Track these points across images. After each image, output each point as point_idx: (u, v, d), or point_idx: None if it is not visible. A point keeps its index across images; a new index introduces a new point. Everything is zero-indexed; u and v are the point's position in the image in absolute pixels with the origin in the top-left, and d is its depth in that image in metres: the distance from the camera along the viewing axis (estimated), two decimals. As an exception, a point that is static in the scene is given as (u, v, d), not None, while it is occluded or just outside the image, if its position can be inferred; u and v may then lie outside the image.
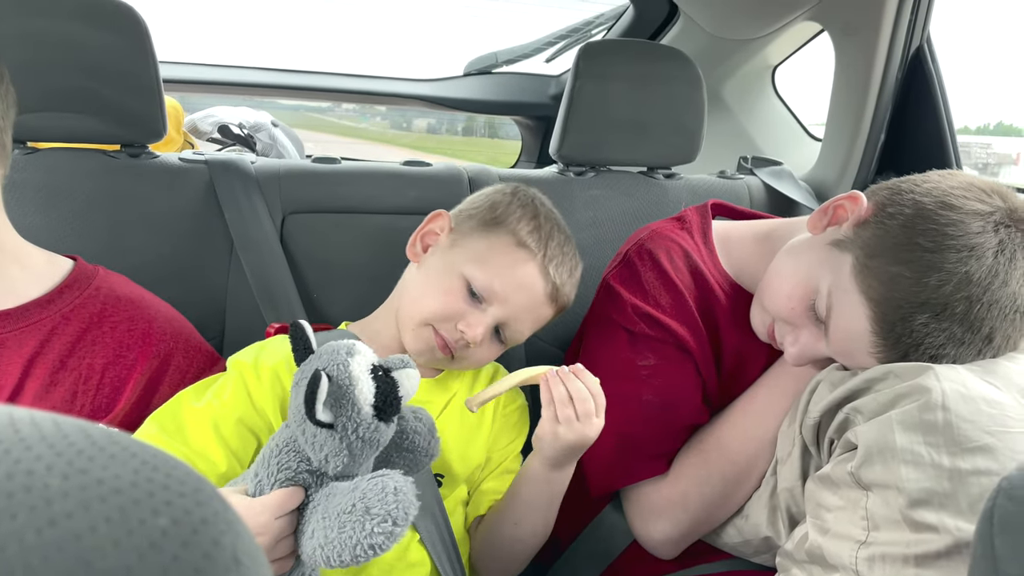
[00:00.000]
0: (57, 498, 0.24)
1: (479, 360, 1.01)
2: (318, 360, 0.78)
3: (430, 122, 8.23)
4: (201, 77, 2.14)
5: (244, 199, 1.24)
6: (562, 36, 2.29)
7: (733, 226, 1.13)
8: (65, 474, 0.25)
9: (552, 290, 1.00)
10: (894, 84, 1.54)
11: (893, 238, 0.83)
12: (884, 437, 0.77)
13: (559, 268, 1.00)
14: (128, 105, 1.20)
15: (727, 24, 1.88)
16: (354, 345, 0.80)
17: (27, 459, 0.25)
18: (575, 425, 0.87)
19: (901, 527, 0.75)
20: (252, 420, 0.91)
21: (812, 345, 0.92)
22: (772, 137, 2.07)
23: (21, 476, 0.24)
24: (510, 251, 0.99)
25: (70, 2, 1.14)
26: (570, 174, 1.49)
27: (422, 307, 0.98)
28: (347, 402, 0.75)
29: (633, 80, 1.45)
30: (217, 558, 0.25)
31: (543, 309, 1.01)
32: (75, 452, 0.26)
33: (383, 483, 0.70)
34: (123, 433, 0.28)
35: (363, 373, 0.77)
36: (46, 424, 0.27)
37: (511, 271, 0.98)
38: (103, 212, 1.19)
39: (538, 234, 1.00)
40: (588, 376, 0.89)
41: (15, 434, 0.26)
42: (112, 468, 0.26)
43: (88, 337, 0.91)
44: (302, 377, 0.79)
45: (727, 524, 1.02)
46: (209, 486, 0.27)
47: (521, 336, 1.02)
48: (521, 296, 0.98)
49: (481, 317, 0.96)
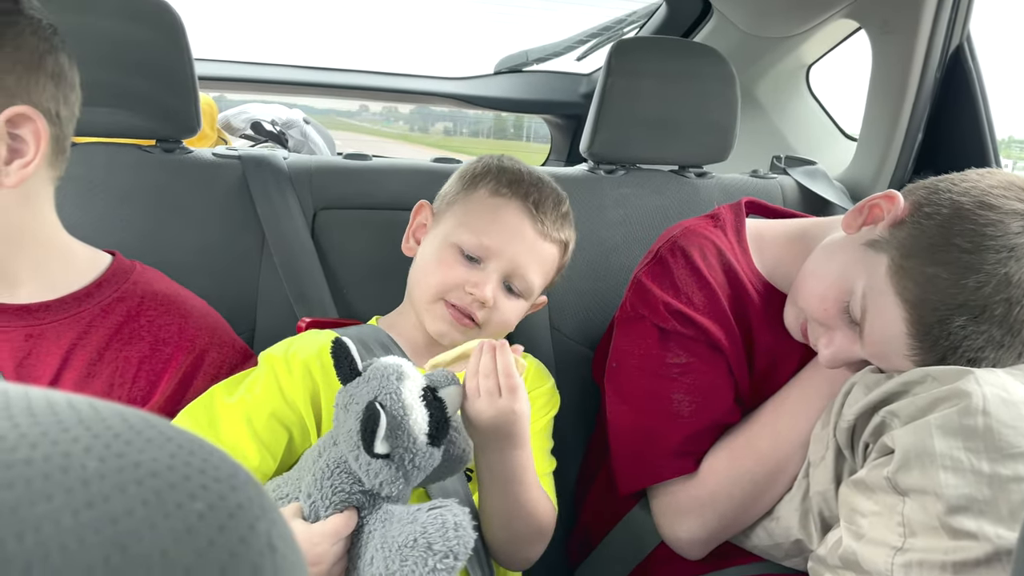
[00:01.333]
0: (94, 480, 0.23)
1: (505, 320, 1.02)
2: (367, 385, 0.78)
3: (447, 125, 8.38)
4: (235, 74, 2.16)
5: (276, 194, 1.25)
6: (594, 34, 2.28)
7: (767, 225, 1.12)
8: (102, 456, 0.24)
9: (540, 225, 1.01)
10: (932, 83, 1.52)
11: (930, 238, 0.82)
12: (922, 442, 0.76)
13: (540, 202, 1.02)
14: (164, 101, 1.21)
15: (762, 22, 1.86)
16: (402, 368, 0.79)
17: (64, 440, 0.25)
18: (496, 400, 0.82)
19: (939, 534, 0.74)
20: (284, 413, 0.92)
21: (846, 347, 0.90)
22: (806, 136, 2.04)
23: (58, 457, 0.24)
24: (488, 203, 1.02)
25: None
26: (600, 172, 1.48)
27: (426, 285, 1.01)
28: (402, 432, 0.75)
29: (665, 78, 1.44)
30: (252, 543, 0.25)
31: (542, 249, 1.03)
32: (112, 435, 0.26)
33: (443, 517, 0.72)
34: (160, 418, 0.28)
35: (416, 401, 0.77)
36: (83, 407, 0.27)
37: (494, 221, 1.00)
38: (138, 206, 1.21)
39: (509, 179, 1.03)
40: (505, 352, 0.84)
41: (53, 416, 0.26)
42: (149, 451, 0.26)
43: (125, 331, 0.93)
44: (351, 401, 0.78)
45: (756, 526, 1.01)
46: (244, 472, 0.27)
47: (533, 284, 1.03)
48: (513, 241, 1.00)
49: (484, 275, 0.99)
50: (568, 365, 1.34)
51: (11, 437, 0.24)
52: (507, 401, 0.83)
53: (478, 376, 0.83)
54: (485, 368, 0.83)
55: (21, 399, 0.26)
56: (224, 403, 0.91)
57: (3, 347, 0.88)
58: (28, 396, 0.27)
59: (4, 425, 0.24)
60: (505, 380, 0.83)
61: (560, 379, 1.32)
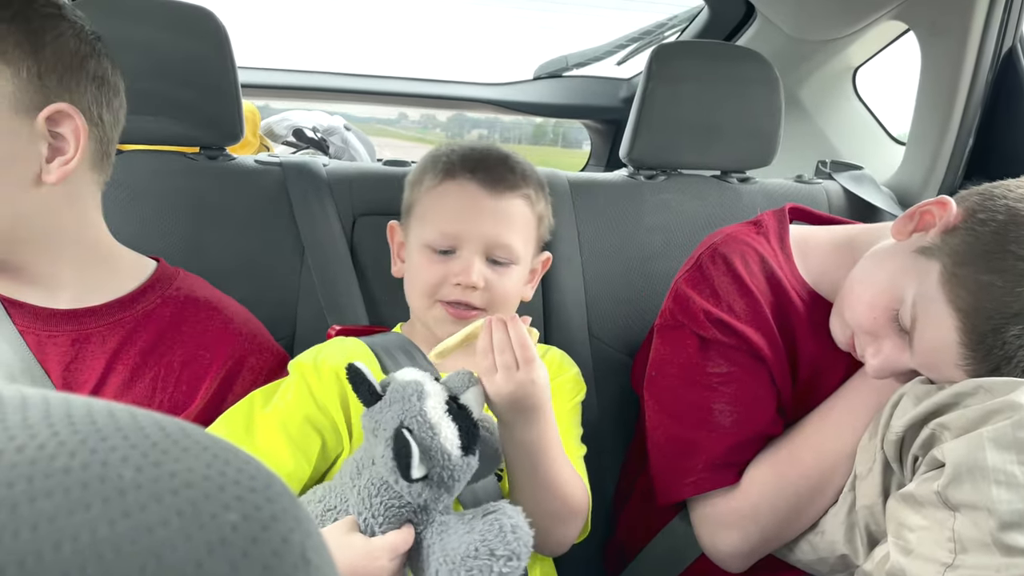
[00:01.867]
0: (131, 489, 0.23)
1: (507, 293, 1.00)
2: (390, 409, 0.77)
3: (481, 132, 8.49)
4: (276, 82, 2.19)
5: (315, 201, 1.26)
6: (634, 38, 2.26)
7: (812, 231, 1.09)
8: (139, 466, 0.24)
9: (491, 188, 0.98)
10: (984, 86, 1.47)
11: (984, 245, 0.79)
12: (974, 455, 0.73)
13: (481, 168, 0.99)
14: (207, 109, 1.24)
15: (807, 25, 1.83)
16: (422, 386, 0.78)
17: (103, 449, 0.25)
18: (514, 374, 0.82)
19: (991, 551, 0.71)
20: (317, 418, 0.93)
21: (895, 357, 0.88)
22: (852, 141, 2.00)
23: (96, 466, 0.24)
24: (434, 194, 1.01)
25: (154, 9, 1.19)
26: (640, 178, 1.47)
27: (417, 293, 1.01)
28: (435, 452, 0.75)
29: (707, 82, 1.43)
30: (286, 555, 0.25)
31: (506, 210, 0.99)
32: (150, 444, 0.26)
33: (499, 522, 0.74)
34: (196, 427, 0.28)
35: (442, 417, 0.76)
36: (123, 416, 0.27)
37: (446, 207, 0.99)
38: (182, 212, 1.23)
39: (444, 164, 1.01)
40: (517, 326, 0.84)
41: (92, 424, 0.26)
42: (185, 461, 0.25)
43: (168, 336, 0.94)
44: (378, 427, 0.78)
45: (801, 540, 0.98)
46: (279, 482, 0.27)
47: (517, 248, 1.00)
48: (473, 217, 0.98)
49: (462, 262, 0.97)
50: (607, 373, 1.33)
51: (51, 445, 0.24)
52: (525, 373, 0.82)
53: (492, 352, 0.83)
54: (500, 343, 0.83)
55: (61, 407, 0.27)
56: (260, 411, 0.93)
57: (50, 352, 0.90)
58: (68, 404, 0.27)
59: (44, 433, 0.25)
60: (521, 352, 0.82)
61: (599, 387, 1.31)
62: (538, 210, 1.04)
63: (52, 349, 0.90)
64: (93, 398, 0.28)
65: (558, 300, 1.34)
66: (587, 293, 1.36)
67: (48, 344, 0.89)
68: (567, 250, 1.36)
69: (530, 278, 1.08)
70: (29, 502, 0.22)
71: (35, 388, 0.28)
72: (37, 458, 0.23)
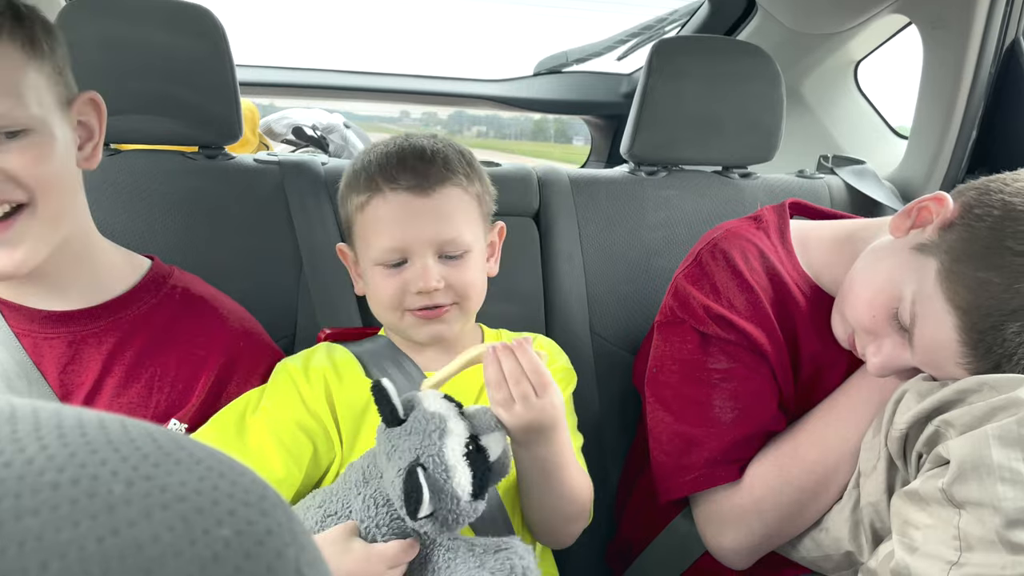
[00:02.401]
0: (120, 505, 0.23)
1: (469, 283, 0.97)
2: (408, 439, 0.76)
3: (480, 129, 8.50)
4: (275, 80, 2.18)
5: (311, 199, 1.26)
6: (634, 34, 2.25)
7: (812, 226, 1.09)
8: (130, 480, 0.24)
9: (419, 191, 0.93)
10: (987, 80, 1.46)
11: (981, 241, 0.79)
12: (979, 453, 0.73)
13: (400, 173, 0.94)
14: (206, 108, 1.23)
15: (808, 18, 1.82)
16: (446, 423, 0.77)
17: (92, 463, 0.24)
18: (513, 408, 0.80)
19: (997, 548, 0.71)
20: (308, 424, 0.93)
21: (896, 355, 0.87)
22: (854, 135, 2.00)
23: (86, 481, 0.23)
24: (366, 212, 0.96)
25: (150, 8, 1.18)
26: (641, 174, 1.46)
27: (380, 308, 0.99)
28: (445, 495, 0.74)
29: (708, 77, 1.42)
30: (280, 571, 0.24)
31: (443, 207, 0.95)
32: (141, 457, 0.25)
33: (511, 563, 0.74)
34: (190, 438, 0.28)
35: (459, 461, 0.75)
36: (114, 427, 0.26)
37: (380, 223, 0.94)
38: (181, 212, 1.22)
39: (363, 182, 0.96)
40: (527, 354, 0.82)
41: (82, 437, 0.25)
42: (177, 474, 0.25)
43: (164, 335, 0.94)
44: (393, 451, 0.77)
45: (804, 536, 0.98)
46: (274, 495, 0.27)
47: (466, 237, 0.96)
48: (410, 225, 0.93)
49: (415, 269, 0.94)
50: (609, 370, 1.32)
51: (39, 460, 0.24)
52: (544, 399, 0.81)
53: (507, 384, 0.81)
54: (513, 373, 0.81)
55: (51, 419, 0.26)
56: (252, 414, 0.92)
57: (47, 354, 0.89)
58: (59, 416, 0.27)
59: (33, 447, 0.24)
60: (537, 379, 0.81)
61: (601, 385, 1.31)
62: (474, 190, 0.99)
63: (49, 351, 0.89)
64: (84, 409, 0.28)
65: (559, 297, 1.33)
66: (588, 290, 1.35)
67: (45, 346, 0.89)
68: (568, 247, 1.35)
69: (490, 252, 1.05)
70: (15, 519, 0.22)
71: (25, 399, 0.27)
72: (25, 473, 0.23)
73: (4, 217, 0.79)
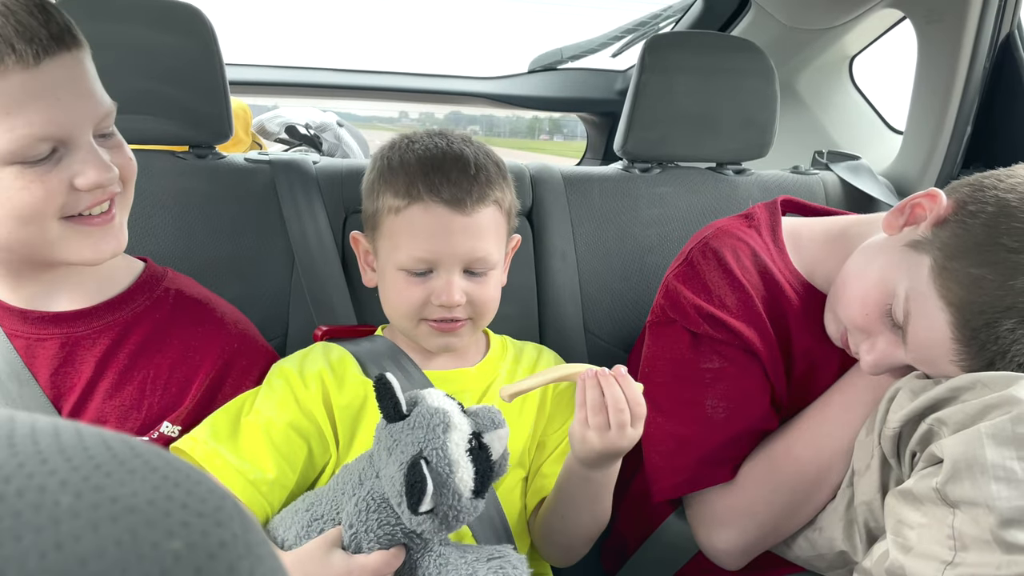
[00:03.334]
0: (66, 518, 0.22)
1: (488, 300, 0.97)
2: (412, 433, 0.76)
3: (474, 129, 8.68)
4: (267, 79, 2.17)
5: (303, 199, 1.25)
6: (629, 30, 2.24)
7: (804, 223, 1.08)
8: (78, 491, 0.23)
9: (459, 206, 0.92)
10: (981, 74, 1.46)
11: (974, 238, 0.78)
12: (973, 451, 0.72)
13: (444, 184, 0.92)
14: (195, 107, 1.22)
15: (802, 13, 1.81)
16: (450, 417, 0.76)
17: (41, 474, 0.23)
18: (606, 434, 0.82)
19: (992, 548, 0.70)
20: (302, 425, 0.92)
21: (890, 352, 0.86)
22: (849, 131, 1.99)
23: (32, 493, 0.23)
24: (401, 217, 0.94)
25: (140, 7, 1.17)
26: (635, 171, 1.46)
27: (396, 312, 0.98)
28: (447, 490, 0.74)
29: (701, 73, 1.41)
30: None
31: (478, 224, 0.94)
32: (93, 467, 0.24)
33: (503, 571, 0.73)
34: (149, 446, 0.27)
35: (462, 456, 0.75)
36: (68, 436, 0.26)
37: (416, 233, 0.93)
38: (171, 212, 1.22)
39: (404, 184, 0.94)
40: (631, 383, 0.83)
41: (33, 446, 0.25)
42: (130, 484, 0.24)
43: (157, 337, 0.93)
44: (395, 446, 0.76)
45: (798, 536, 0.97)
46: (232, 503, 0.26)
47: (492, 255, 0.96)
48: (445, 239, 0.92)
49: (440, 282, 0.93)
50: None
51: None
52: (616, 437, 0.82)
53: (607, 411, 0.81)
54: (594, 403, 0.82)
55: (3, 427, 0.25)
56: (247, 415, 0.92)
57: (39, 355, 0.89)
58: (12, 423, 0.26)
59: None
60: (616, 416, 0.81)
61: (594, 383, 1.30)
62: (506, 205, 0.99)
63: (41, 353, 0.89)
64: (40, 416, 0.27)
65: (552, 295, 1.33)
66: (582, 288, 1.34)
67: (37, 348, 0.88)
68: (561, 244, 1.35)
69: (504, 265, 1.05)
70: None
71: None
72: None
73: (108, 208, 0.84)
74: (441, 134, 0.99)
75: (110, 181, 0.81)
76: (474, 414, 0.80)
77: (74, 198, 0.80)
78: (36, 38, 0.74)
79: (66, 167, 0.78)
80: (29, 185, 0.76)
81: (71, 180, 0.79)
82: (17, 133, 0.74)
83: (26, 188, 0.76)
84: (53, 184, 0.77)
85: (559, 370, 0.87)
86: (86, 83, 0.80)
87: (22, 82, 0.73)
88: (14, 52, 0.72)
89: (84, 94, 0.79)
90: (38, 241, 0.80)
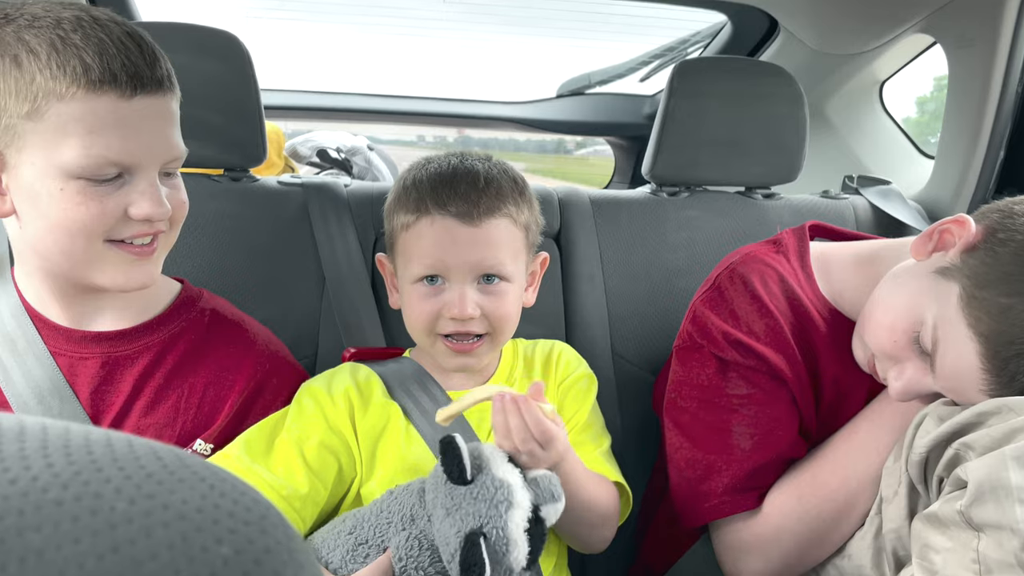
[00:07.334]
0: (121, 523, 0.23)
1: (505, 315, 0.96)
2: (474, 505, 0.76)
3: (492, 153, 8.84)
4: (300, 103, 2.21)
5: (334, 221, 1.27)
6: (657, 55, 2.26)
7: (833, 248, 1.07)
8: (132, 498, 0.24)
9: (468, 219, 0.92)
10: (1014, 97, 1.45)
11: (1004, 267, 0.77)
12: (997, 474, 0.71)
13: (452, 198, 0.92)
14: (231, 131, 1.25)
15: (832, 39, 1.81)
16: (513, 495, 0.76)
17: (96, 481, 0.25)
18: (539, 455, 0.83)
19: (1016, 571, 0.69)
20: (332, 442, 0.94)
21: (918, 379, 0.85)
22: (880, 155, 1.98)
23: (89, 499, 0.24)
24: (411, 232, 0.95)
25: (178, 34, 1.20)
26: (663, 194, 1.46)
27: (415, 327, 0.99)
28: (500, 568, 0.74)
29: (730, 98, 1.42)
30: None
31: (488, 236, 0.93)
32: (144, 475, 0.26)
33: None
34: (195, 457, 0.28)
35: (520, 535, 0.75)
36: (120, 445, 0.27)
37: (423, 244, 0.94)
38: (206, 234, 1.24)
39: (414, 199, 0.95)
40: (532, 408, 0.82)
41: (88, 455, 0.26)
42: (179, 493, 0.25)
43: (193, 357, 0.95)
44: (454, 508, 0.76)
45: (827, 564, 0.96)
46: (276, 515, 0.27)
47: (507, 267, 0.95)
48: (453, 250, 0.92)
49: (453, 293, 0.94)
50: (630, 392, 1.31)
51: (44, 477, 0.24)
52: (547, 451, 0.83)
53: (512, 437, 0.82)
54: (518, 432, 0.82)
55: (59, 437, 0.27)
56: (279, 434, 0.94)
57: (81, 374, 0.91)
58: (67, 434, 0.27)
59: (39, 465, 0.25)
60: (541, 436, 0.82)
61: (623, 407, 1.30)
62: (523, 220, 0.98)
63: (83, 371, 0.91)
64: (93, 427, 0.28)
65: (580, 318, 1.33)
66: (610, 311, 1.35)
67: (79, 366, 0.91)
68: (589, 268, 1.35)
69: (529, 282, 1.05)
70: (18, 535, 0.22)
71: (36, 418, 0.28)
72: (29, 490, 0.23)
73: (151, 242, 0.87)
74: (459, 154, 1.00)
75: (161, 216, 0.85)
76: (534, 483, 0.80)
77: (123, 224, 0.83)
78: (139, 75, 0.79)
79: (125, 194, 0.82)
80: (87, 201, 0.79)
81: (126, 207, 0.82)
82: (94, 152, 0.78)
83: (84, 204, 0.79)
84: (109, 206, 0.81)
85: (483, 391, 0.86)
86: (168, 126, 0.85)
87: (114, 109, 0.78)
88: (116, 82, 0.77)
89: (163, 134, 0.84)
90: (79, 257, 0.83)
